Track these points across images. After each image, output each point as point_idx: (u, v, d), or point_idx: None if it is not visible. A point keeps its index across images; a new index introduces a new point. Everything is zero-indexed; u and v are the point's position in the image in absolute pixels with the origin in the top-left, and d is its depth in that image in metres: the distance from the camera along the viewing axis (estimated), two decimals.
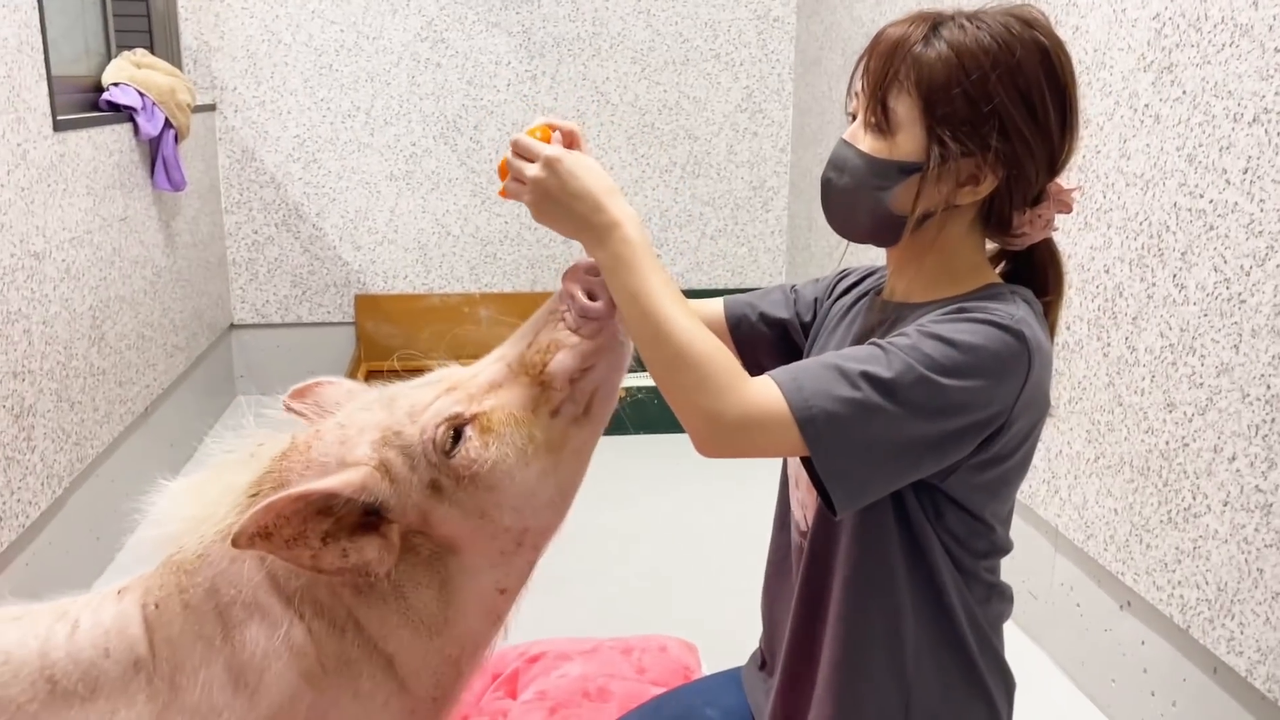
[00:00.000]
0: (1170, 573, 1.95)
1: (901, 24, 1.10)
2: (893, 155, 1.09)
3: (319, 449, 1.02)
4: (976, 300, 1.09)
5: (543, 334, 1.05)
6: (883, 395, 0.99)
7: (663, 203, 4.42)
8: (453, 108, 4.21)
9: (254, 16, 4.02)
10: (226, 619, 1.00)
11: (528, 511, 1.02)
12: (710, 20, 4.26)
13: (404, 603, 1.00)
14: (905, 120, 1.08)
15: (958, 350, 1.01)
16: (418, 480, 0.99)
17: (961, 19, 1.07)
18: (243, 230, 4.20)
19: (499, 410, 1.01)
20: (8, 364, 2.21)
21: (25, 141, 2.34)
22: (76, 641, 1.01)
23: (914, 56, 1.06)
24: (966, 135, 1.06)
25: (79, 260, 2.64)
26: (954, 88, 1.05)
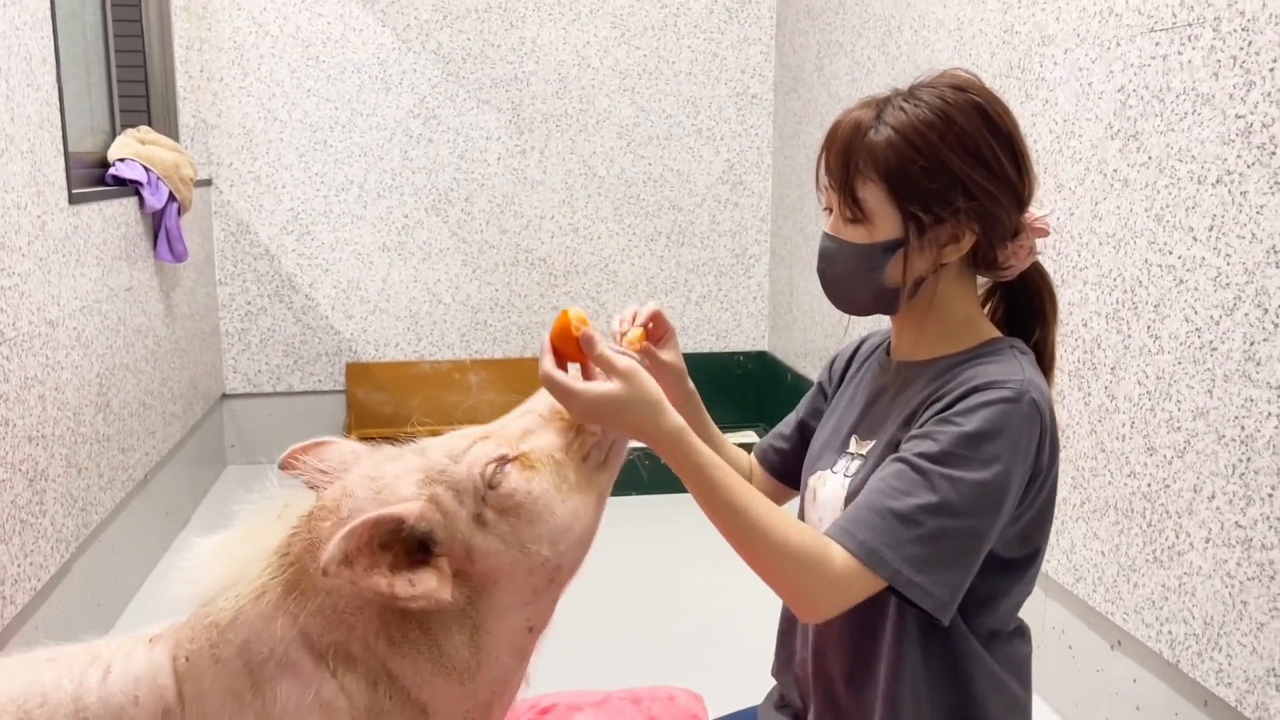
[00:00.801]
0: (1158, 610, 2.03)
1: (849, 117, 1.20)
2: (875, 239, 1.19)
3: (350, 505, 1.04)
4: (979, 361, 1.20)
5: None
6: (945, 517, 1.10)
7: (649, 270, 4.54)
8: (444, 181, 4.33)
9: (250, 95, 4.14)
10: (257, 675, 1.02)
11: (562, 545, 1.07)
12: (692, 97, 4.44)
13: (437, 650, 1.03)
14: (876, 206, 1.18)
15: (986, 440, 1.11)
16: (465, 514, 1.04)
17: (899, 101, 1.18)
18: (236, 301, 4.27)
19: (538, 451, 1.09)
20: (24, 428, 2.26)
21: (44, 214, 2.42)
22: (108, 687, 1.04)
23: (867, 147, 1.17)
24: (936, 204, 1.16)
25: (89, 329, 2.70)
26: (911, 167, 1.15)
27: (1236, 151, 1.79)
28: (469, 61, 4.27)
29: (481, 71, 4.29)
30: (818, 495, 1.32)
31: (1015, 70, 2.49)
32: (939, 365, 1.23)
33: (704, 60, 4.42)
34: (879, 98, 1.21)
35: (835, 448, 1.34)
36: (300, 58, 4.16)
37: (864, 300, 1.25)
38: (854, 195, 1.18)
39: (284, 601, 1.03)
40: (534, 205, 4.42)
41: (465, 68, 4.28)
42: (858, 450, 1.30)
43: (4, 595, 2.13)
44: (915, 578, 1.09)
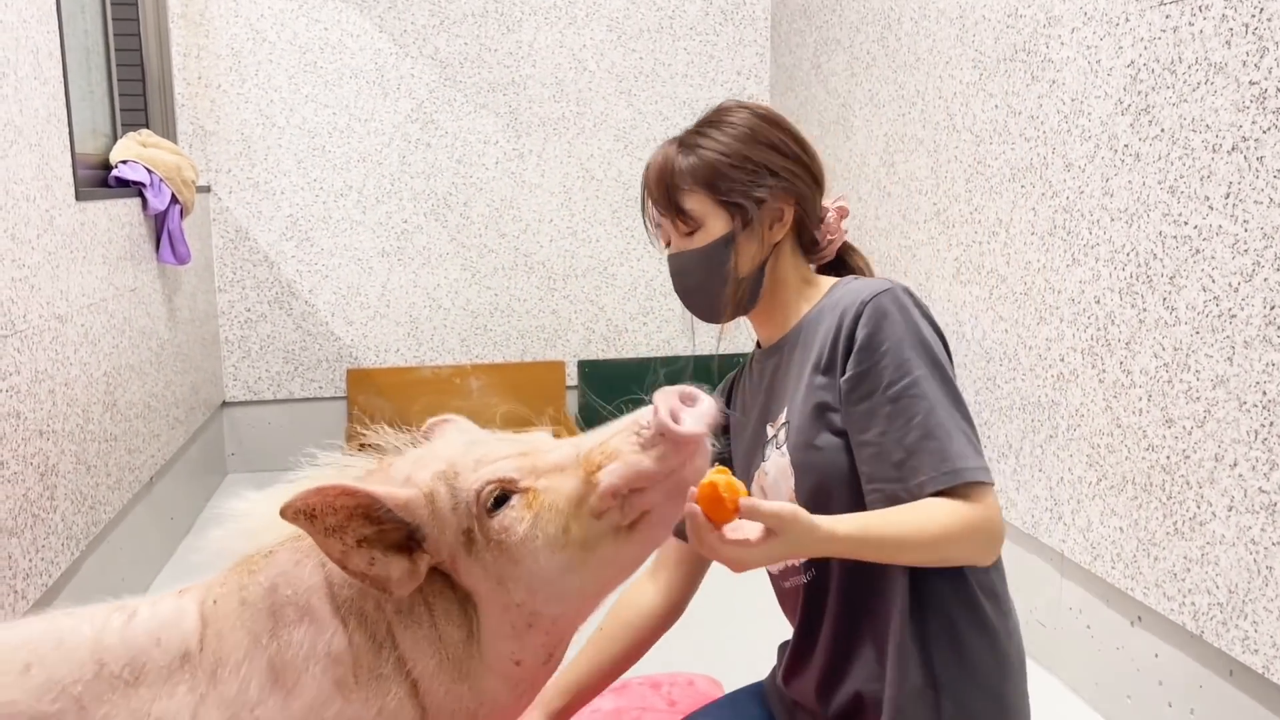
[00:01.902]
0: (1180, 582, 2.04)
1: (656, 158, 1.39)
2: (713, 237, 1.36)
3: (398, 466, 1.07)
4: (838, 296, 1.35)
5: (615, 438, 1.04)
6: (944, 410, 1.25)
7: (647, 273, 4.55)
8: (443, 185, 4.33)
9: (249, 101, 4.14)
10: (278, 618, 1.03)
11: (541, 596, 1.03)
12: (688, 99, 4.46)
13: (436, 632, 1.04)
14: (702, 210, 1.35)
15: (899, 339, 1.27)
16: (455, 523, 1.03)
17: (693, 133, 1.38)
18: (235, 309, 4.25)
19: (548, 493, 1.03)
20: (35, 422, 2.24)
21: (52, 208, 2.41)
22: (132, 629, 1.04)
23: (681, 168, 1.36)
24: (751, 189, 1.35)
25: (96, 326, 2.68)
26: (721, 167, 1.34)
27: (1251, 118, 1.81)
28: (466, 66, 4.29)
29: (479, 76, 4.30)
30: (764, 486, 1.40)
31: (1020, 54, 2.51)
32: (809, 319, 1.38)
33: (700, 62, 4.44)
34: (672, 141, 1.39)
35: (756, 446, 1.42)
36: (298, 64, 4.16)
37: (721, 301, 1.39)
38: (681, 210, 1.35)
39: (315, 548, 1.04)
40: (532, 209, 4.43)
41: (462, 72, 4.29)
42: (774, 430, 1.38)
43: (15, 589, 2.11)
44: (976, 463, 1.23)
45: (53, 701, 0.99)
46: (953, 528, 1.19)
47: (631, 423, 1.04)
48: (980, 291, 2.74)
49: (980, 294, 2.74)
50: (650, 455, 1.01)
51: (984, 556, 1.25)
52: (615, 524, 1.03)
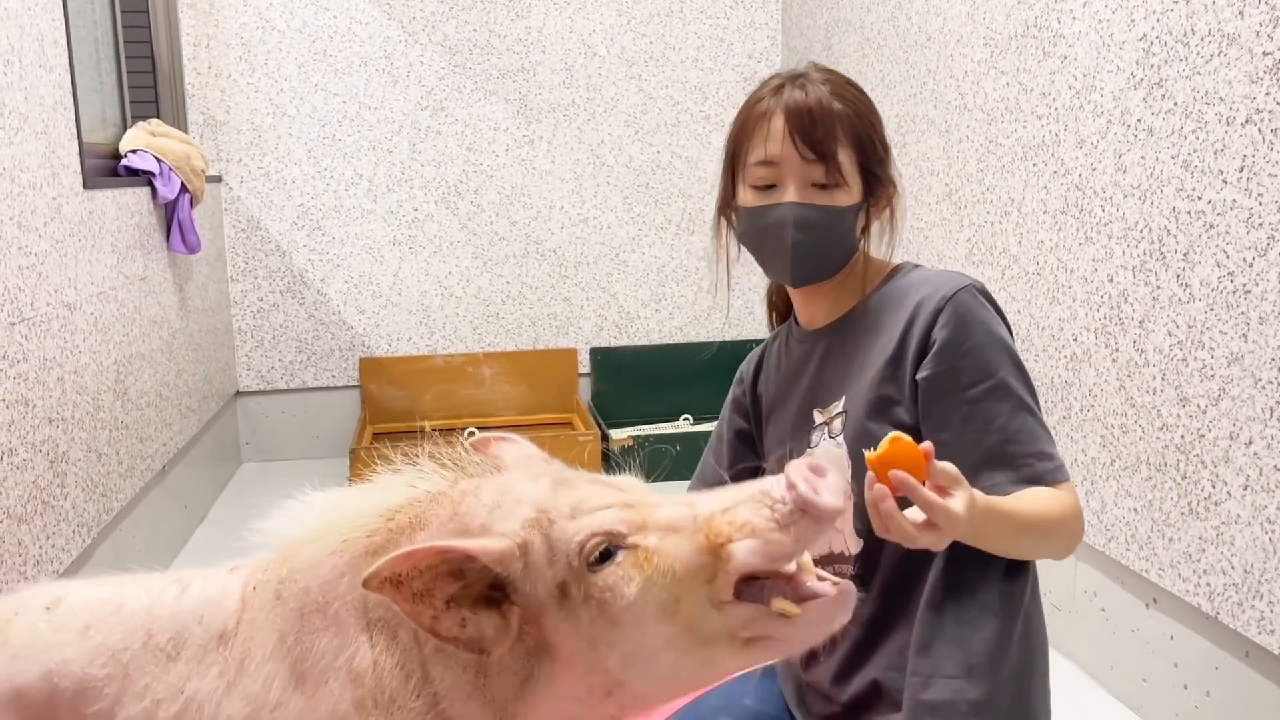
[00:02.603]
0: (1195, 563, 2.01)
1: (798, 92, 1.29)
2: (850, 200, 1.30)
3: (469, 506, 0.99)
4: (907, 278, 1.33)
5: (742, 508, 0.93)
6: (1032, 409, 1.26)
7: (659, 259, 4.53)
8: (453, 173, 4.32)
9: (259, 91, 4.14)
10: (305, 623, 1.01)
11: (636, 669, 0.94)
12: (699, 84, 4.43)
13: (483, 678, 0.97)
14: (849, 170, 1.29)
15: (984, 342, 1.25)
16: (550, 576, 0.94)
17: (831, 79, 1.31)
18: (248, 298, 4.26)
19: (662, 554, 0.93)
20: (44, 410, 2.25)
21: (59, 196, 2.41)
22: (181, 603, 1.06)
23: (840, 117, 1.28)
24: (884, 165, 1.33)
25: (105, 315, 2.69)
26: (870, 132, 1.30)
27: (1265, 89, 1.77)
28: (475, 53, 4.27)
29: (488, 62, 4.29)
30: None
31: (1032, 29, 2.47)
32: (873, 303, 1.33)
33: (710, 46, 4.41)
34: (793, 78, 1.32)
35: (800, 431, 1.38)
36: (307, 52, 4.16)
37: (834, 265, 1.34)
38: (837, 159, 1.27)
39: (361, 561, 0.99)
40: (543, 196, 4.41)
41: (472, 59, 4.27)
42: (827, 418, 1.34)
43: (26, 575, 2.11)
44: (1060, 461, 1.25)
45: (102, 666, 1.02)
46: (1067, 513, 1.21)
47: (760, 494, 0.93)
48: (993, 272, 2.71)
49: (993, 274, 2.70)
50: (789, 534, 0.90)
51: (1073, 548, 1.27)
52: (733, 630, 0.92)
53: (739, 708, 1.47)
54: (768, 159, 1.29)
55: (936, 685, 1.22)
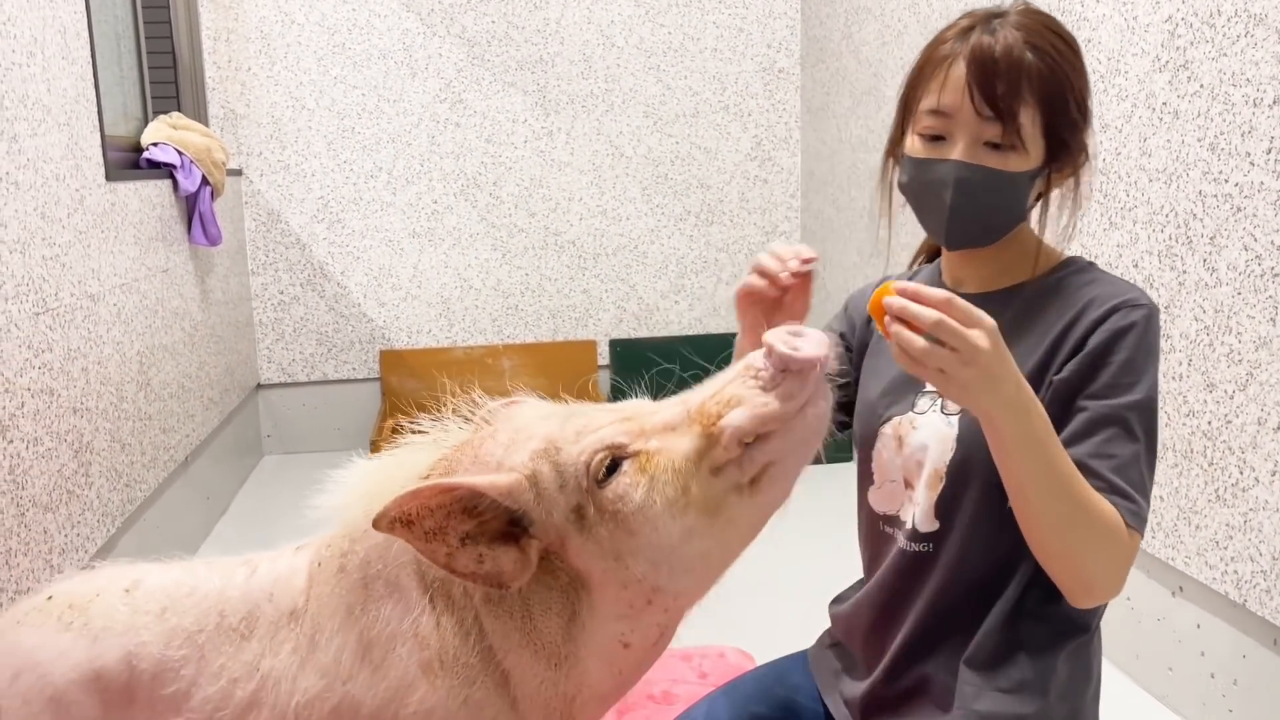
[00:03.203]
0: (1222, 550, 1.98)
1: (987, 36, 1.14)
2: (1027, 166, 1.15)
3: (488, 447, 1.00)
4: (1081, 277, 1.20)
5: (729, 386, 0.97)
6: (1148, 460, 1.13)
7: (678, 250, 4.52)
8: (472, 165, 4.33)
9: (278, 84, 4.16)
10: (369, 592, 1.02)
11: (664, 568, 0.95)
12: (718, 74, 4.42)
13: (530, 623, 0.98)
14: (1031, 132, 1.14)
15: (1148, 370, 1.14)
16: (564, 501, 0.95)
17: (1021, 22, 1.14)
18: (269, 291, 4.28)
19: (661, 454, 0.95)
20: (69, 399, 2.26)
21: (82, 188, 2.43)
22: (251, 584, 1.07)
23: (1028, 69, 1.12)
24: (1077, 130, 1.17)
25: (128, 306, 2.70)
26: (1066, 94, 1.14)
27: None
28: (494, 44, 4.27)
29: (507, 54, 4.28)
30: (906, 440, 1.28)
31: (1055, 12, 2.44)
32: (1030, 289, 1.21)
33: (729, 36, 4.40)
34: (975, 22, 1.16)
35: (906, 391, 1.29)
36: (326, 45, 4.17)
37: (994, 233, 1.21)
38: (1017, 119, 1.13)
39: None
40: (562, 187, 4.41)
41: (490, 51, 4.27)
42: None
43: (51, 564, 2.13)
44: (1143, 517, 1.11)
45: (179, 648, 1.03)
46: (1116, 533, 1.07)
47: (744, 369, 0.97)
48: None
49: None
50: (775, 395, 0.93)
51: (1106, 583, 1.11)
52: (736, 482, 0.94)
53: (770, 697, 1.45)
54: (940, 108, 1.16)
55: (988, 697, 1.19)
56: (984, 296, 1.23)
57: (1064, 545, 1.07)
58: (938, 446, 1.23)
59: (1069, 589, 1.11)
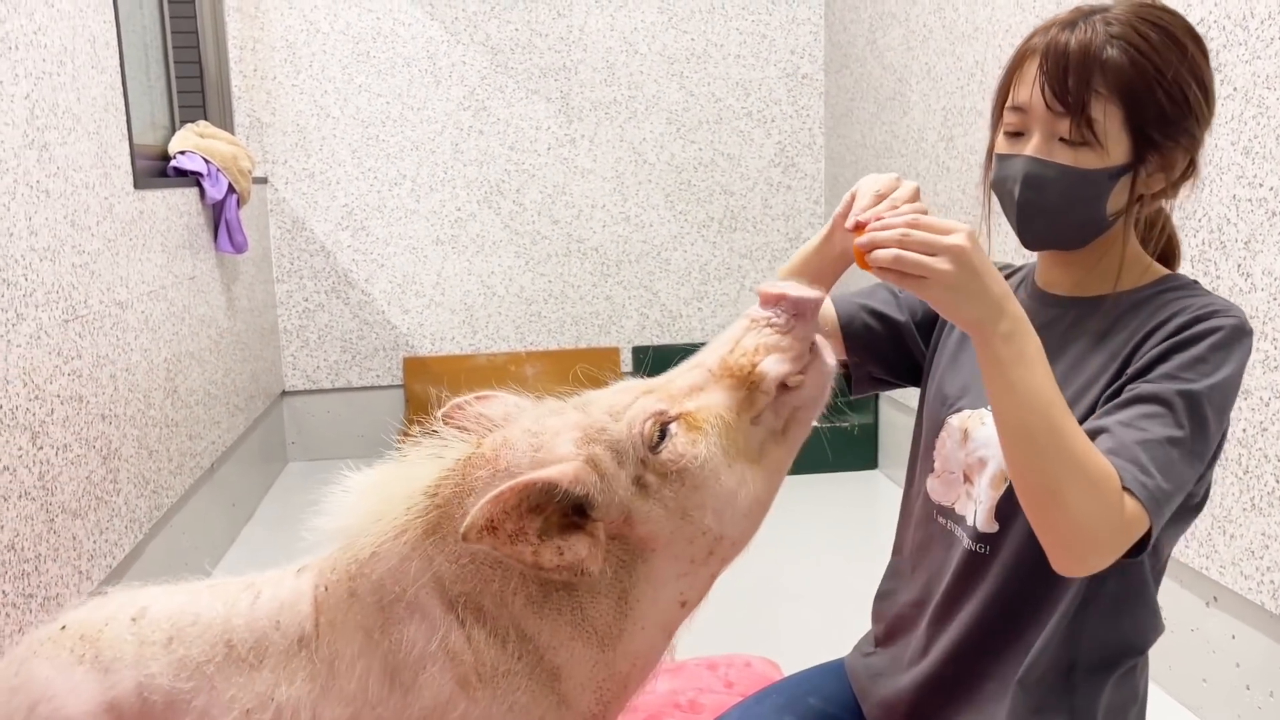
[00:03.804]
0: (1258, 560, 1.95)
1: (1067, 31, 1.12)
2: (1105, 164, 1.11)
3: (509, 457, 1.00)
4: (1179, 295, 1.15)
5: (747, 338, 1.03)
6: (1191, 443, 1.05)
7: (701, 257, 4.51)
8: (495, 173, 4.34)
9: (303, 93, 4.18)
10: (388, 614, 1.01)
11: (726, 516, 1.01)
12: (741, 80, 4.41)
13: (580, 613, 0.99)
14: (1111, 128, 1.10)
15: (1228, 388, 1.08)
16: (625, 476, 0.99)
17: (1117, 18, 1.11)
18: (293, 298, 4.30)
19: (704, 410, 1.01)
20: (98, 406, 2.28)
21: (111, 196, 2.44)
22: (255, 611, 1.05)
23: (1105, 64, 1.09)
24: (1171, 129, 1.11)
25: (156, 313, 2.72)
26: (1155, 89, 1.09)
27: None
28: (517, 52, 4.28)
29: (530, 61, 4.29)
30: (972, 435, 1.25)
31: None
32: (1123, 301, 1.18)
33: (753, 42, 4.39)
34: (1076, 16, 1.14)
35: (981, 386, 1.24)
36: (351, 54, 4.19)
37: (1068, 233, 1.18)
38: (1088, 115, 1.10)
39: (422, 543, 1.01)
40: (585, 194, 4.41)
41: (514, 58, 4.28)
42: None
43: (80, 570, 2.14)
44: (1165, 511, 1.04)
45: (188, 679, 1.03)
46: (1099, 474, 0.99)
47: (750, 323, 1.04)
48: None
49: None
50: (794, 337, 1.02)
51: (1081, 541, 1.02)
52: (772, 428, 1.03)
53: (803, 706, 1.44)
54: (1017, 104, 1.15)
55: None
56: (1072, 300, 1.22)
57: (1042, 481, 1.00)
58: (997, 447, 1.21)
59: (1050, 546, 1.04)
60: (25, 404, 1.92)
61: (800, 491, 1.98)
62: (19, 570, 1.86)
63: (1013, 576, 1.20)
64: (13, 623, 1.82)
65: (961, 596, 1.26)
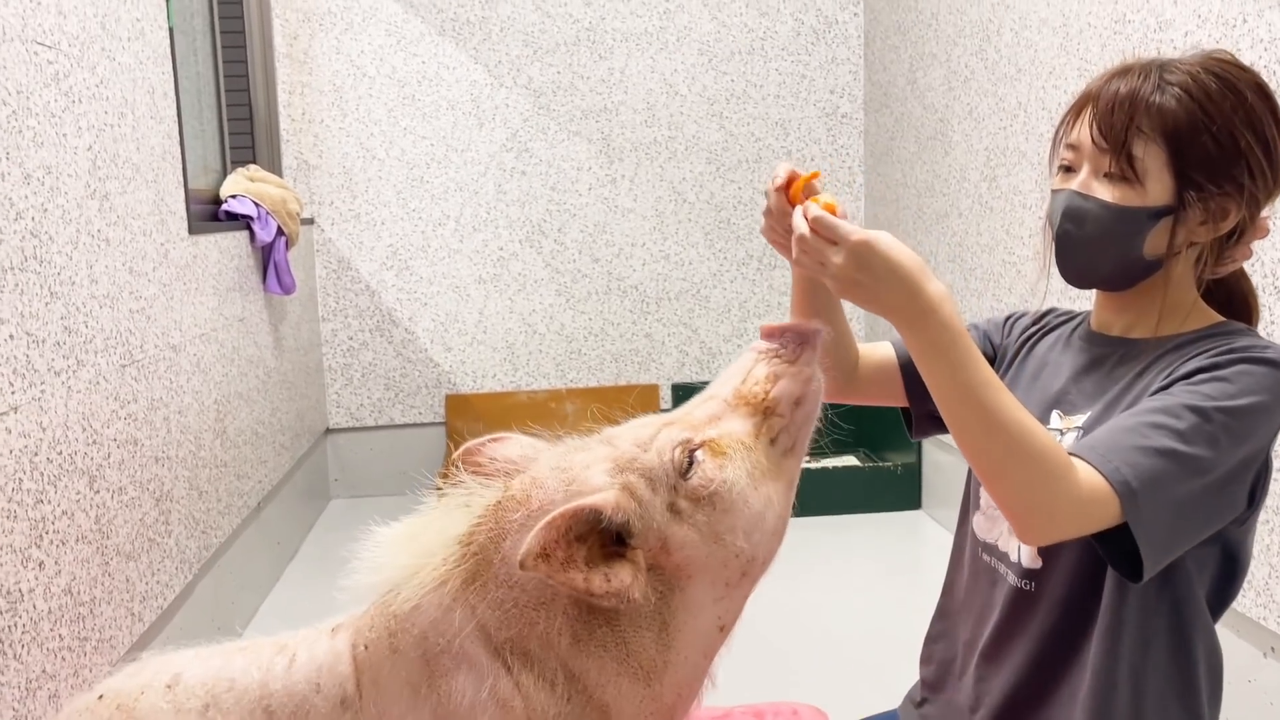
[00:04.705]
0: None
1: (1124, 77, 1.15)
2: (1143, 202, 1.14)
3: (542, 496, 1.02)
4: (1221, 337, 1.15)
5: (758, 368, 1.10)
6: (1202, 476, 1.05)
7: (741, 294, 4.52)
8: (537, 213, 4.38)
9: (350, 135, 4.26)
10: (434, 667, 1.01)
11: (756, 536, 1.04)
12: (780, 119, 4.43)
13: (624, 649, 1.01)
14: (1152, 168, 1.13)
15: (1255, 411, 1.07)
16: (659, 502, 1.01)
17: (1179, 67, 1.14)
18: (338, 337, 4.36)
19: (726, 436, 1.05)
20: (151, 449, 2.32)
21: (167, 242, 2.50)
22: (293, 675, 1.05)
23: (1153, 106, 1.12)
24: (1219, 175, 1.12)
25: (207, 355, 2.77)
26: (1201, 133, 1.11)
27: None
28: (559, 94, 4.34)
29: (572, 103, 4.35)
30: None
31: None
32: (1169, 343, 1.18)
33: (792, 82, 4.42)
34: (1142, 64, 1.16)
35: None
36: (396, 97, 4.26)
37: (1105, 269, 1.20)
38: (1129, 153, 1.13)
39: (463, 592, 1.01)
40: (625, 233, 4.45)
41: (556, 100, 4.34)
42: (1063, 426, 1.24)
43: (133, 612, 2.17)
44: (1156, 533, 1.04)
45: None
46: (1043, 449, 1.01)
47: (758, 355, 1.11)
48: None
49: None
50: (801, 364, 1.09)
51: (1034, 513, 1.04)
52: (786, 447, 1.08)
53: None
54: (1070, 141, 1.20)
55: None
56: (1120, 341, 1.24)
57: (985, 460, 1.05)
58: None
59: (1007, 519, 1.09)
60: (84, 449, 1.96)
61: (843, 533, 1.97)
62: (75, 614, 1.89)
63: (1062, 614, 1.19)
64: (68, 666, 1.85)
65: (1011, 636, 1.25)
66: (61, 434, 1.87)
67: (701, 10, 4.35)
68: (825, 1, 4.38)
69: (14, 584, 1.67)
